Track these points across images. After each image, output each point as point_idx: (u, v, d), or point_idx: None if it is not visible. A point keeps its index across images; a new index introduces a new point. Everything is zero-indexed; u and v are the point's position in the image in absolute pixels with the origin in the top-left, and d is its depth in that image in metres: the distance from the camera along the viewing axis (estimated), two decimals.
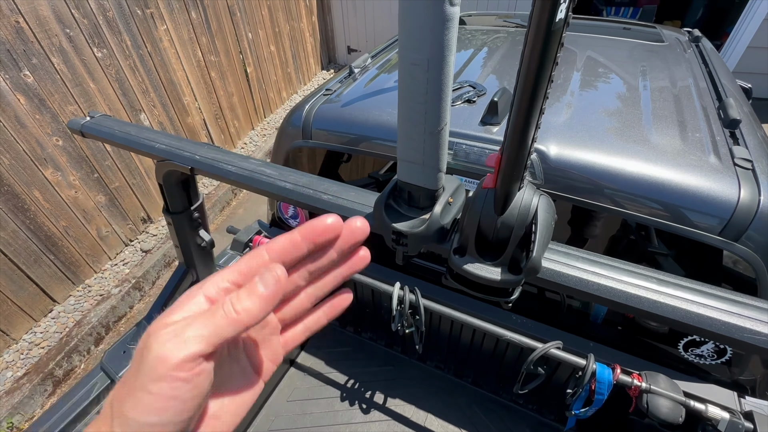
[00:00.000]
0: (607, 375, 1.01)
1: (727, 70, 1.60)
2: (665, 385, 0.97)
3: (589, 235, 1.43)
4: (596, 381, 1.02)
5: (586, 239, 1.45)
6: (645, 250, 1.42)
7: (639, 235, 1.38)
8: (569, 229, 1.42)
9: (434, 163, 0.53)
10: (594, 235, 1.42)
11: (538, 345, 1.08)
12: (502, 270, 0.51)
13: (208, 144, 0.84)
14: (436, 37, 0.41)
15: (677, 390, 0.97)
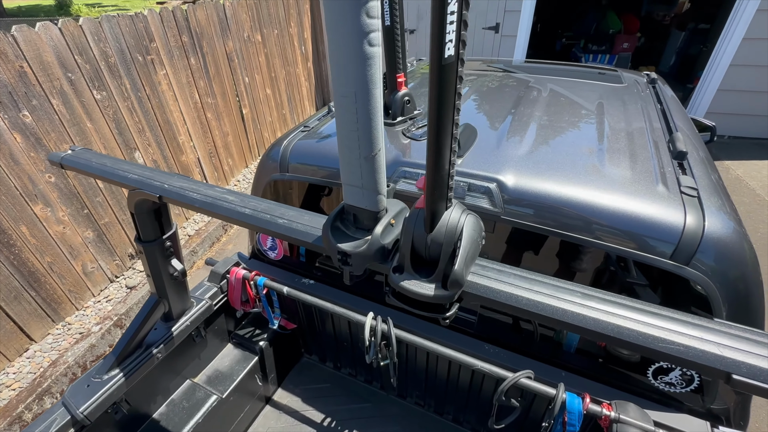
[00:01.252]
0: (577, 405, 1.00)
1: (681, 108, 1.71)
2: (635, 415, 0.96)
3: (575, 268, 1.45)
4: (567, 412, 1.01)
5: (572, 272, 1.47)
6: (623, 280, 1.44)
7: (617, 266, 1.40)
8: (557, 262, 1.45)
9: (373, 185, 0.57)
10: (580, 268, 1.45)
11: (509, 375, 1.07)
12: (435, 286, 0.53)
13: (177, 174, 0.88)
14: (359, 73, 0.47)
15: (647, 420, 0.95)
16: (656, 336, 0.47)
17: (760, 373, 0.43)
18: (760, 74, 4.91)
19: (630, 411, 0.96)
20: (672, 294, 1.07)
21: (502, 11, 5.41)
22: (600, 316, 0.49)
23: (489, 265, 0.58)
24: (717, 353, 0.45)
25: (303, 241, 0.68)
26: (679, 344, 0.46)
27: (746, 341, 0.46)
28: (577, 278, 1.37)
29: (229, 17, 4.19)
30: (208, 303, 1.42)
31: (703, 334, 0.46)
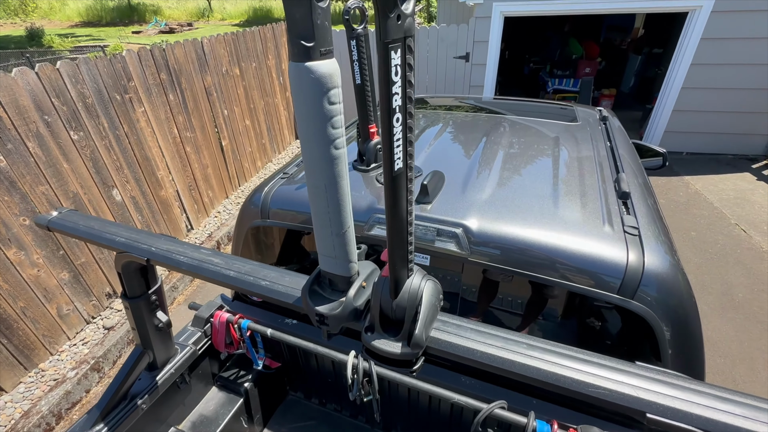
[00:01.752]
0: (546, 431, 1.07)
1: (629, 144, 1.88)
2: None
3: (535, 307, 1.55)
4: None
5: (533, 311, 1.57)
6: (581, 313, 1.55)
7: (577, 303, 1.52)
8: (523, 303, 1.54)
9: (345, 255, 0.64)
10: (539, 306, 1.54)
11: (484, 406, 1.13)
12: (402, 344, 0.60)
13: (164, 236, 0.94)
14: (328, 170, 0.55)
15: None
16: (587, 381, 0.55)
17: (669, 412, 0.51)
18: (708, 96, 5.32)
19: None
20: (622, 324, 1.18)
21: (471, 41, 5.72)
22: (540, 365, 0.57)
23: (449, 320, 0.66)
24: (634, 395, 0.53)
25: (284, 301, 0.75)
26: (604, 388, 0.54)
27: (659, 383, 0.54)
28: (536, 310, 1.46)
29: (207, 53, 4.29)
30: (192, 349, 1.43)
31: (624, 378, 0.55)
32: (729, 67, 5.08)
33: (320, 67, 0.48)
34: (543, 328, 1.56)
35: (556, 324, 1.49)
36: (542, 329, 1.56)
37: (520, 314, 1.53)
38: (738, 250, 3.86)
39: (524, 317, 1.53)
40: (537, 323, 1.53)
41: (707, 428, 0.50)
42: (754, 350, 2.82)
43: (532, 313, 1.50)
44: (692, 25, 4.99)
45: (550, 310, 1.26)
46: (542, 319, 1.52)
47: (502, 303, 1.31)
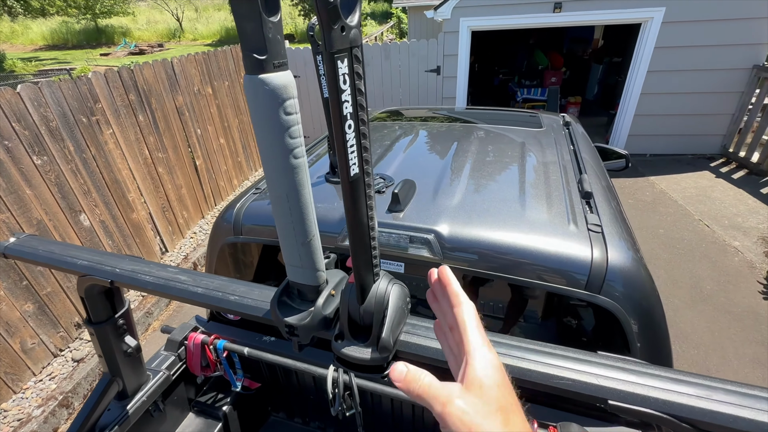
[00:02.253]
0: None
1: (591, 147, 1.97)
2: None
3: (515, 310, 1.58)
4: None
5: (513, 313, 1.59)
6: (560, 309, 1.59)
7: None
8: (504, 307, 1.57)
9: (311, 264, 0.65)
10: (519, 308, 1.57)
11: None
12: (371, 350, 0.61)
13: (129, 256, 0.91)
14: (288, 180, 0.56)
15: None
16: (551, 374, 0.57)
17: (629, 397, 0.53)
18: (665, 100, 5.63)
19: (573, 431, 1.06)
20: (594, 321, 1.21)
21: (441, 55, 5.89)
22: (506, 360, 0.59)
23: (419, 323, 0.66)
24: (596, 383, 0.55)
25: (254, 315, 0.74)
26: (568, 379, 0.56)
27: (619, 370, 0.56)
28: (514, 311, 1.49)
29: (178, 73, 4.25)
30: (165, 374, 1.38)
31: (586, 368, 0.56)
32: (681, 73, 5.41)
33: (274, 79, 0.49)
34: (520, 329, 1.58)
35: (533, 324, 1.52)
36: (519, 330, 1.59)
37: (497, 317, 1.55)
38: (703, 244, 4.05)
39: (501, 319, 1.56)
40: (514, 325, 1.56)
41: (665, 410, 0.52)
42: (725, 339, 2.93)
43: (508, 315, 1.52)
44: (646, 35, 5.31)
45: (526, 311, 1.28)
46: (519, 320, 1.55)
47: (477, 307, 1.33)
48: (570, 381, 0.56)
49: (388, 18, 23.90)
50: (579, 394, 0.55)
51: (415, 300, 1.52)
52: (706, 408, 0.50)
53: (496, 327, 1.64)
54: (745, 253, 3.83)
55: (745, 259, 3.76)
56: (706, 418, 0.50)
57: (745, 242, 3.99)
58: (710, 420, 0.50)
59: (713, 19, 5.02)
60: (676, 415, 0.51)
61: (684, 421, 0.51)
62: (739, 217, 4.41)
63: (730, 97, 5.46)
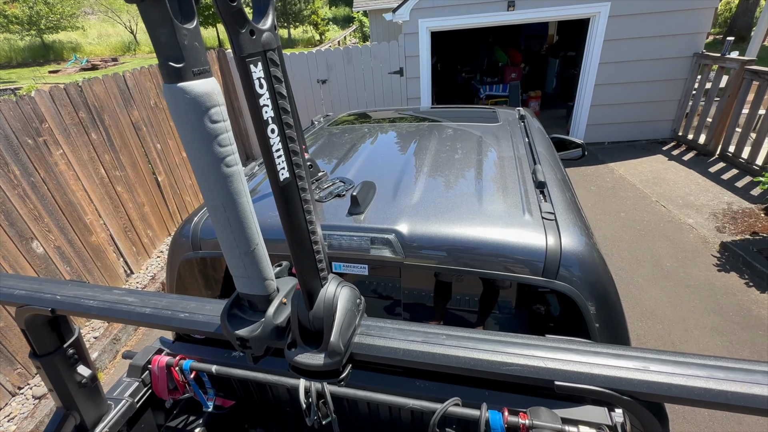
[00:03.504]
0: (498, 420, 1.10)
1: (546, 139, 2.04)
2: (546, 417, 1.08)
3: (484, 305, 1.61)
4: (491, 429, 1.10)
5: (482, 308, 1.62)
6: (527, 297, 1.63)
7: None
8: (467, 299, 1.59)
9: (258, 274, 0.63)
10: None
11: (439, 406, 1.14)
12: (324, 355, 0.60)
13: (72, 281, 0.86)
14: (223, 189, 0.54)
15: (556, 419, 1.08)
16: (501, 361, 0.58)
17: (573, 377, 0.55)
18: (618, 90, 5.91)
19: (542, 415, 1.08)
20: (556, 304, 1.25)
21: (403, 56, 5.95)
22: (459, 353, 0.59)
23: (373, 323, 0.66)
24: (543, 366, 0.56)
25: (205, 331, 0.71)
26: (517, 365, 0.57)
27: (564, 351, 0.58)
28: (480, 303, 1.52)
29: (132, 87, 4.09)
30: (128, 402, 1.31)
31: (533, 352, 0.58)
32: (630, 64, 5.70)
33: (195, 87, 0.48)
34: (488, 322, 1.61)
35: (498, 315, 1.55)
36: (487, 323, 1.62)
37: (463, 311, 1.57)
38: (661, 224, 4.27)
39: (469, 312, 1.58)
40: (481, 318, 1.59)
41: (607, 385, 0.54)
42: (686, 312, 3.10)
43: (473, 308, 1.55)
44: (595, 29, 5.56)
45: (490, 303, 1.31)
46: (485, 313, 1.58)
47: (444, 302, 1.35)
48: (518, 366, 0.57)
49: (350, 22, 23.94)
50: (528, 379, 0.56)
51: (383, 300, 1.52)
52: (643, 379, 0.53)
53: (463, 321, 1.66)
54: (698, 230, 4.06)
55: (699, 235, 3.99)
56: (644, 389, 0.52)
57: (698, 219, 4.24)
58: (647, 390, 0.52)
59: (655, 11, 5.33)
60: (618, 389, 0.53)
61: (625, 394, 0.53)
62: (691, 196, 4.68)
63: (676, 84, 5.79)
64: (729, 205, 4.39)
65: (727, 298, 3.21)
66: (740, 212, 4.21)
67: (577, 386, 0.55)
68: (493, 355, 0.58)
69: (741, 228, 3.95)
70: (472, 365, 0.58)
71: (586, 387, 0.54)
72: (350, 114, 2.87)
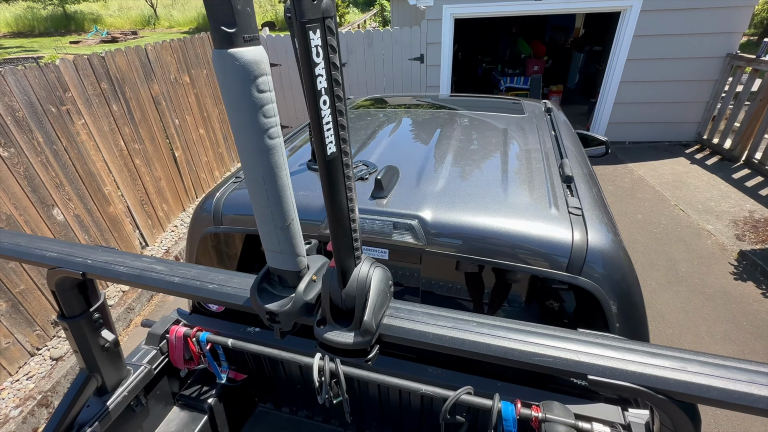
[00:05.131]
0: (511, 411, 1.10)
1: (573, 133, 1.99)
2: (559, 412, 1.08)
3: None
4: (503, 419, 1.10)
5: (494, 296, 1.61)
6: (542, 291, 1.62)
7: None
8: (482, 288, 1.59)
9: (291, 250, 0.63)
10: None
11: (451, 393, 1.15)
12: (354, 334, 0.60)
13: (102, 247, 0.87)
14: (264, 162, 0.54)
15: (569, 414, 1.08)
16: (533, 352, 0.57)
17: (608, 372, 0.54)
18: (644, 89, 5.73)
19: (555, 409, 1.08)
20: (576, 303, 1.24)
21: (424, 43, 5.84)
22: (490, 341, 0.59)
23: (402, 306, 0.66)
24: (576, 359, 0.56)
25: (234, 303, 0.72)
26: (549, 356, 0.57)
27: (599, 346, 0.57)
28: (498, 294, 1.51)
29: (153, 60, 4.10)
30: (146, 368, 1.35)
31: (566, 345, 0.57)
32: (659, 62, 5.51)
33: (245, 54, 0.47)
34: (504, 313, 1.61)
35: (516, 308, 1.55)
36: (503, 313, 1.61)
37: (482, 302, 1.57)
38: (678, 228, 4.18)
39: (486, 304, 1.58)
40: (498, 308, 1.58)
41: (642, 383, 0.53)
42: (697, 319, 3.06)
43: (492, 299, 1.54)
44: (625, 24, 5.37)
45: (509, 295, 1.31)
46: (504, 304, 1.57)
47: (462, 292, 1.35)
48: (551, 358, 0.56)
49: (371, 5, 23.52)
50: (560, 371, 0.56)
51: (402, 287, 1.52)
52: (681, 379, 0.52)
53: (480, 311, 1.66)
54: (717, 236, 3.97)
55: (718, 242, 3.90)
56: (681, 389, 0.51)
57: (717, 225, 4.14)
58: (684, 390, 0.51)
59: (689, 8, 5.12)
60: (653, 387, 0.53)
61: (660, 392, 0.52)
62: (712, 202, 4.57)
63: (705, 85, 5.60)
64: (751, 213, 4.27)
65: (742, 307, 3.15)
66: (762, 221, 4.10)
67: (611, 382, 0.54)
68: (525, 345, 0.58)
69: (762, 237, 3.85)
70: (503, 354, 0.58)
71: (620, 383, 0.54)
72: (368, 98, 2.84)
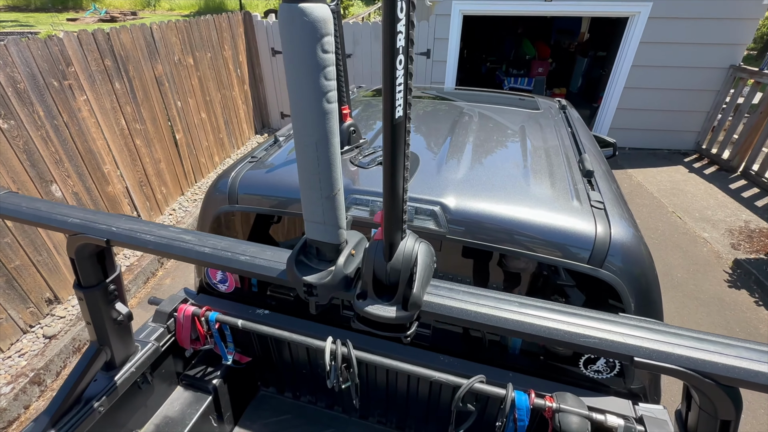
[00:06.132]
0: (525, 401, 1.11)
1: (587, 129, 2.00)
2: (572, 403, 1.09)
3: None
4: (516, 408, 1.11)
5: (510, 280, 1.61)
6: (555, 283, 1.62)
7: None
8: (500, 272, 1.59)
9: (334, 221, 0.62)
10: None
11: (464, 381, 1.15)
12: (396, 308, 0.59)
13: (125, 215, 0.85)
14: (320, 126, 0.52)
15: (582, 405, 1.08)
16: (578, 332, 0.57)
17: (654, 354, 0.54)
18: (647, 95, 5.78)
19: (568, 400, 1.09)
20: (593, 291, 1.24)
21: (432, 38, 5.81)
22: (534, 320, 0.59)
23: (440, 284, 0.65)
24: (622, 341, 0.56)
25: (267, 276, 0.71)
26: (594, 337, 0.56)
27: (644, 329, 0.57)
28: (518, 283, 1.51)
29: (158, 40, 4.02)
30: (154, 345, 1.33)
31: (612, 327, 0.57)
32: (663, 69, 5.56)
33: (314, 11, 0.45)
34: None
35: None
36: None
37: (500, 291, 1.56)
38: (675, 234, 4.24)
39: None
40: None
41: (689, 366, 0.53)
42: (692, 323, 3.10)
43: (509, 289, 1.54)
44: (633, 30, 5.40)
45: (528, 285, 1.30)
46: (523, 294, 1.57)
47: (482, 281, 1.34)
48: (597, 339, 0.56)
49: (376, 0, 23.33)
50: (606, 352, 0.56)
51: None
52: (729, 364, 0.52)
53: None
54: (713, 244, 4.03)
55: (713, 250, 3.96)
56: (729, 373, 0.51)
57: (713, 234, 4.20)
58: (732, 375, 0.51)
59: (697, 17, 5.15)
60: (699, 371, 0.53)
61: (707, 376, 0.52)
62: (708, 210, 4.63)
63: (707, 95, 5.66)
64: (746, 223, 4.34)
65: (736, 314, 3.21)
66: (757, 231, 4.17)
67: (658, 364, 0.54)
68: (569, 326, 0.58)
69: (756, 247, 3.92)
70: (547, 334, 0.57)
71: (666, 365, 0.54)
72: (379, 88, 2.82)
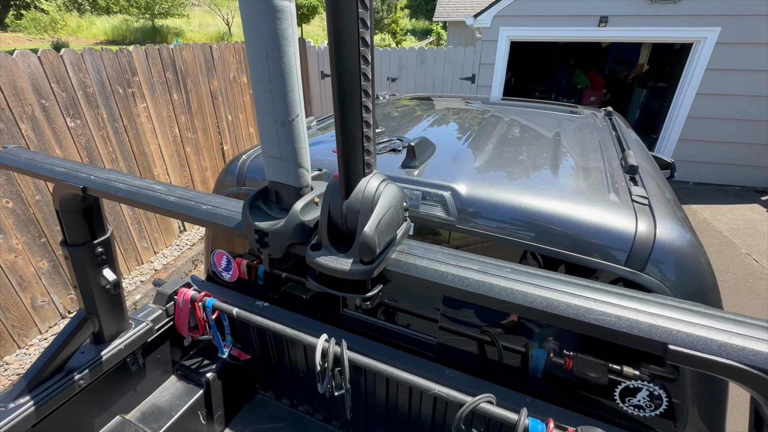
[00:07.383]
0: (541, 430, 0.91)
1: (638, 139, 1.79)
2: None
3: None
4: None
5: None
6: None
7: None
8: None
9: (293, 157, 0.54)
10: None
11: (468, 399, 0.98)
12: (353, 261, 0.48)
13: (110, 169, 0.84)
14: (269, 28, 0.45)
15: None
16: (587, 307, 0.42)
17: (698, 342, 0.38)
18: (713, 126, 5.28)
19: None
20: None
21: (477, 63, 5.80)
22: (528, 289, 0.45)
23: (416, 244, 0.54)
24: (652, 323, 0.40)
25: (224, 225, 0.63)
26: (610, 315, 0.41)
27: (682, 311, 0.41)
28: None
29: (216, 58, 4.35)
30: (149, 325, 1.29)
31: (637, 305, 0.42)
32: (732, 98, 5.07)
33: None
34: None
35: None
36: None
37: None
38: (750, 279, 3.67)
39: None
40: None
41: (742, 359, 0.37)
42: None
43: None
44: (698, 55, 5.03)
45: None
46: None
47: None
48: (614, 318, 0.42)
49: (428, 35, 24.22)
50: (626, 336, 0.40)
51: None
52: None
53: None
54: None
55: None
56: None
57: None
58: None
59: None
60: (759, 367, 0.36)
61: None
62: None
63: None
64: None
65: None
66: None
67: (698, 355, 0.38)
68: (575, 298, 0.43)
69: None
70: (545, 306, 0.43)
71: (710, 357, 0.38)
72: (417, 96, 2.78)
